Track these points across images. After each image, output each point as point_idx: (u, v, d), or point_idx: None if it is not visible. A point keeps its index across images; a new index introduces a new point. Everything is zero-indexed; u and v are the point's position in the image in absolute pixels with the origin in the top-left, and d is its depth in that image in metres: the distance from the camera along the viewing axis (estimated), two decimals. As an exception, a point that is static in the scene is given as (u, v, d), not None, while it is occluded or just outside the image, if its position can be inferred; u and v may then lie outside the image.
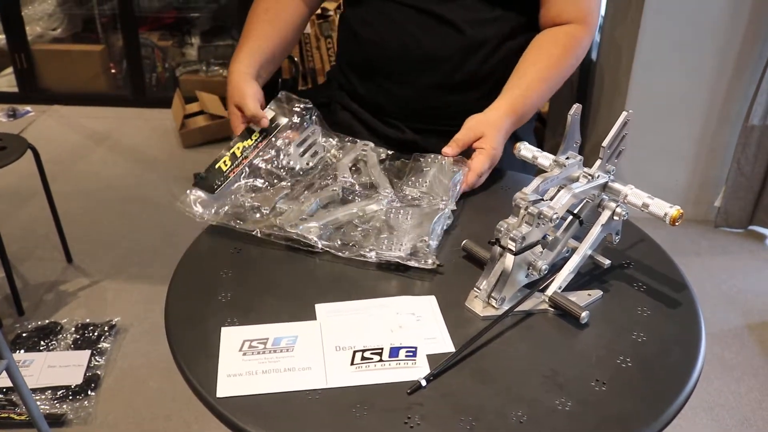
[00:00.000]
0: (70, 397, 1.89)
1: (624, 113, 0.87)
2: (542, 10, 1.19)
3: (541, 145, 1.15)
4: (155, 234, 2.68)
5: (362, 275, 0.91)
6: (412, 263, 0.90)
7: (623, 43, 2.66)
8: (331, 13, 3.11)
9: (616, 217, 0.88)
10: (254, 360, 0.75)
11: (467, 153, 1.10)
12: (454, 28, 1.17)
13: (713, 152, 2.72)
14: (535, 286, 0.85)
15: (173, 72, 3.89)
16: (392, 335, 0.79)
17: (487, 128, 1.09)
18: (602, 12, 2.85)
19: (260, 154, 1.07)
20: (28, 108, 3.76)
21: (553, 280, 0.86)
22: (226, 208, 0.99)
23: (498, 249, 0.83)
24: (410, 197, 1.03)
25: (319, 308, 0.83)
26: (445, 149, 1.07)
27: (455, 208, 1.02)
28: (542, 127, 2.97)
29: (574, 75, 2.84)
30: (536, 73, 1.15)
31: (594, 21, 1.21)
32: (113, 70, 3.94)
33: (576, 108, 0.88)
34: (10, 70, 3.86)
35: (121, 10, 3.68)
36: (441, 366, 0.75)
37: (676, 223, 0.83)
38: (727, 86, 2.59)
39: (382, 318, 0.82)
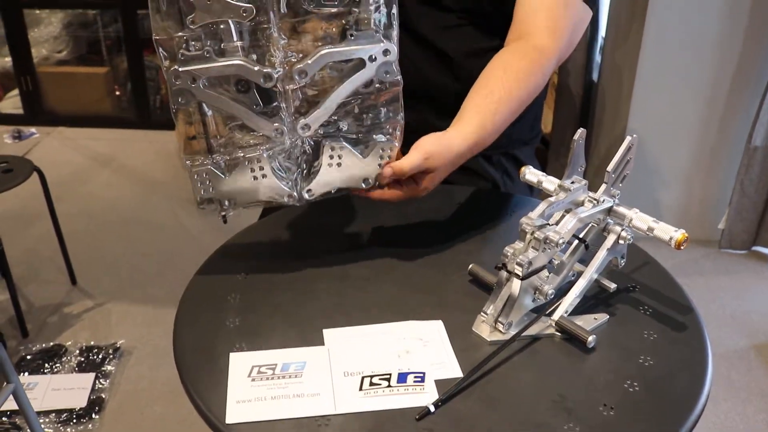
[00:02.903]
0: (74, 421, 1.89)
1: (628, 138, 0.87)
2: (511, 27, 1.12)
3: (544, 168, 1.14)
4: (159, 256, 2.68)
5: (369, 300, 0.91)
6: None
7: (624, 64, 2.68)
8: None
9: (621, 241, 0.89)
10: (263, 386, 0.75)
11: None
12: (449, 60, 1.17)
13: (715, 172, 2.73)
14: (541, 311, 0.86)
15: (177, 94, 3.91)
16: (400, 360, 0.79)
17: (441, 165, 0.95)
18: (603, 33, 2.87)
19: None
20: (33, 130, 3.79)
21: (560, 304, 0.86)
22: None
23: (505, 274, 0.83)
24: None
25: (327, 333, 0.84)
26: (386, 170, 0.93)
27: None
28: (545, 149, 2.98)
29: (577, 97, 2.86)
30: (504, 93, 1.03)
31: (562, 36, 1.10)
32: (117, 92, 3.97)
33: (580, 133, 0.88)
34: (15, 92, 3.89)
35: (126, 32, 3.71)
36: (449, 391, 0.75)
37: (682, 247, 0.83)
38: (728, 107, 2.60)
39: (390, 343, 0.82)
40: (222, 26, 0.84)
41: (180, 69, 0.84)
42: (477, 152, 1.01)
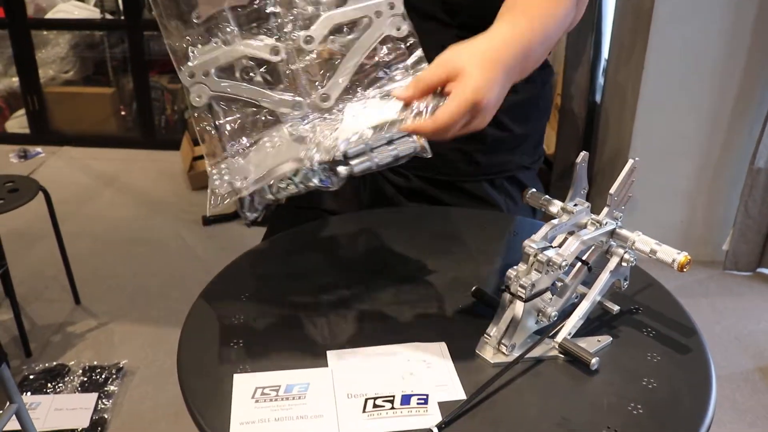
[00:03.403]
0: (77, 441, 1.89)
1: (630, 161, 0.88)
2: None
3: (546, 189, 1.13)
4: (163, 276, 2.68)
5: (372, 322, 0.91)
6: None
7: (627, 85, 2.69)
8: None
9: (624, 264, 0.89)
10: (267, 407, 0.76)
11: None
12: None
13: (718, 194, 2.73)
14: (544, 333, 0.86)
15: (182, 114, 3.94)
16: (403, 382, 0.79)
17: (466, 62, 0.78)
18: (605, 55, 2.89)
19: None
20: (39, 149, 3.81)
21: (563, 326, 0.86)
22: None
23: (508, 296, 0.84)
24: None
25: (331, 355, 0.84)
26: (397, 91, 0.81)
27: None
28: (548, 170, 2.99)
29: (580, 118, 2.88)
30: (540, 5, 0.89)
31: None
32: (123, 113, 4.00)
33: (583, 156, 0.89)
34: (22, 111, 3.92)
35: (132, 53, 3.75)
36: (452, 414, 0.75)
37: (684, 270, 0.84)
38: (731, 128, 2.61)
39: (393, 365, 0.82)
40: (224, 12, 0.83)
41: (192, 64, 0.84)
42: (523, 73, 0.87)
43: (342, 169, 0.80)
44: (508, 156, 1.24)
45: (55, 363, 2.18)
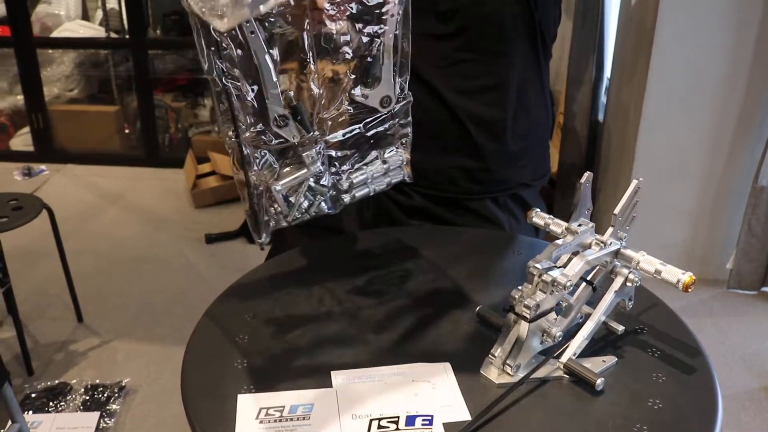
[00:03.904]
0: (78, 460, 1.88)
1: (634, 181, 0.88)
2: None
3: (549, 207, 1.13)
4: (166, 294, 2.68)
5: (377, 341, 0.91)
6: None
7: (630, 104, 2.70)
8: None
9: (628, 284, 0.89)
10: (271, 428, 0.75)
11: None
12: (442, 97, 1.18)
13: (722, 212, 2.73)
14: (549, 353, 0.86)
15: (186, 132, 3.96)
16: (408, 403, 0.79)
17: None
18: (608, 74, 2.90)
19: None
20: (43, 167, 3.82)
21: (568, 346, 0.86)
22: None
23: (512, 316, 0.84)
24: None
25: (335, 375, 0.84)
26: None
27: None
28: (551, 189, 2.99)
29: (582, 137, 2.88)
30: None
31: None
32: (127, 131, 4.01)
33: (587, 176, 0.89)
34: (26, 129, 3.94)
35: (137, 72, 3.77)
36: (457, 435, 0.75)
37: (689, 290, 0.84)
38: (734, 146, 2.61)
39: (398, 385, 0.82)
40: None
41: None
42: None
43: (346, 197, 0.92)
44: (508, 172, 1.25)
45: (57, 381, 2.17)
